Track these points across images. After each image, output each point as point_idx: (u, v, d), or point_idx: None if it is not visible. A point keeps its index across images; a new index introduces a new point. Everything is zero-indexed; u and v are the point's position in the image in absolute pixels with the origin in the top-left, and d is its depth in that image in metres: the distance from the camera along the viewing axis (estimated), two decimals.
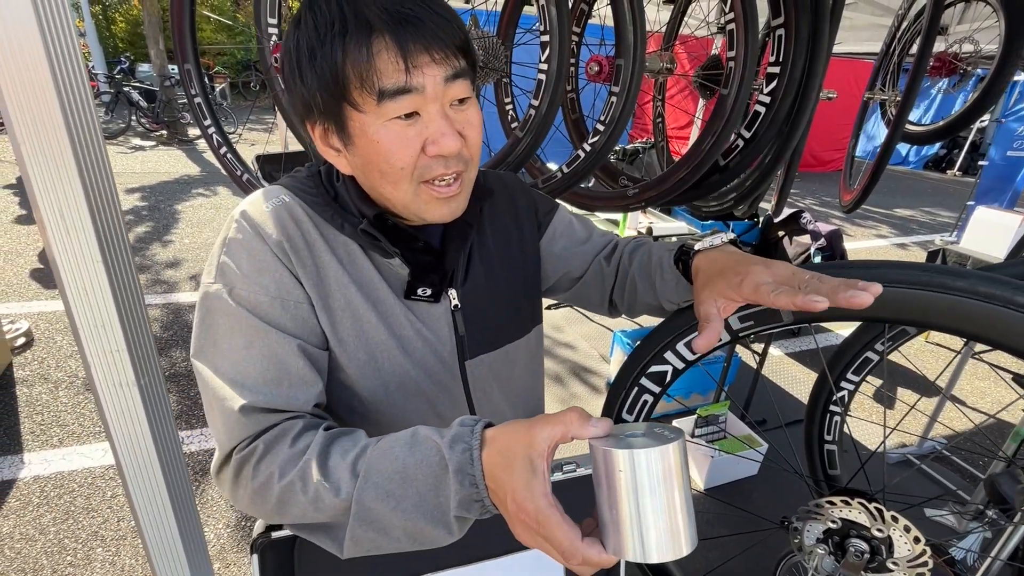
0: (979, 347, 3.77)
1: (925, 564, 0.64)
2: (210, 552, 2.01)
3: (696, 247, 0.71)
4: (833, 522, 0.70)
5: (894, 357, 3.81)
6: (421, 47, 0.54)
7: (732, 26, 1.16)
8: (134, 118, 9.24)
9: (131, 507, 0.51)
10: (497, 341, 0.79)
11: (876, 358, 0.97)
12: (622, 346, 2.98)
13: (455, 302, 0.73)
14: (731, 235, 0.72)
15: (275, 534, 0.65)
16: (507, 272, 0.81)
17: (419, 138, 0.58)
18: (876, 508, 0.65)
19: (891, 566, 0.67)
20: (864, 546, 0.69)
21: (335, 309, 0.66)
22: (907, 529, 0.64)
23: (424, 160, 0.60)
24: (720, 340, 0.63)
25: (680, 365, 0.80)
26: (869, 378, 3.19)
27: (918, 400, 3.37)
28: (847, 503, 0.67)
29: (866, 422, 3.04)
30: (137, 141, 8.83)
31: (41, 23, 0.38)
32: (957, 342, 4.09)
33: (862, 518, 0.67)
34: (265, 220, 0.64)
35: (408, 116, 0.57)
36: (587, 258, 0.87)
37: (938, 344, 4.15)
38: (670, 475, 0.41)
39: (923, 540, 0.64)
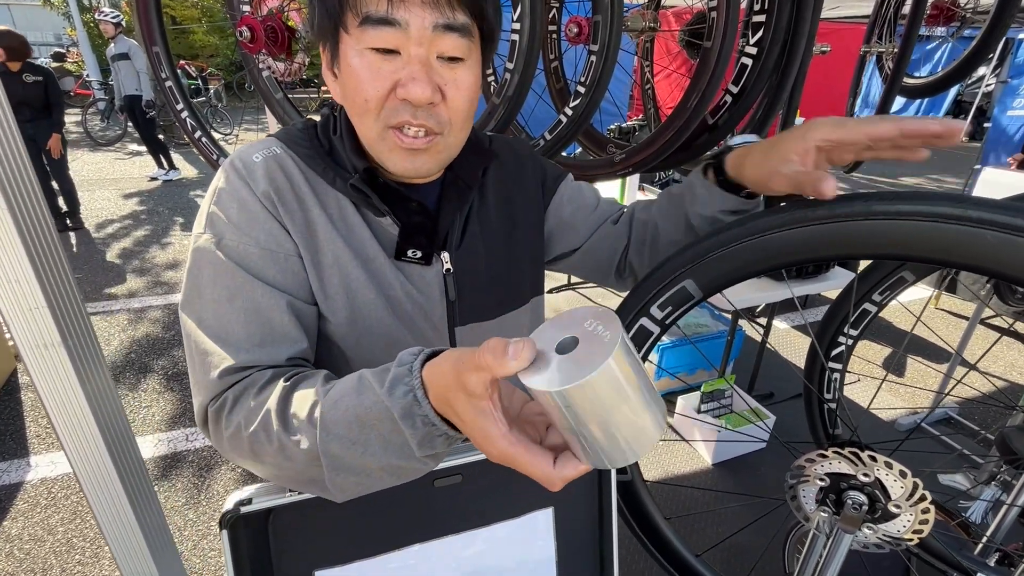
0: (987, 312, 3.70)
1: (924, 498, 0.61)
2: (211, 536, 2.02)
3: (730, 143, 0.68)
4: (821, 480, 0.66)
5: (898, 321, 3.76)
6: None
7: None
8: (130, 124, 9.23)
9: (77, 479, 0.49)
10: (492, 310, 0.77)
11: (874, 310, 0.93)
12: None
13: (447, 266, 0.71)
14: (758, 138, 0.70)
15: (244, 508, 0.62)
16: (507, 239, 0.78)
17: (392, 76, 0.57)
18: (851, 452, 0.62)
19: (894, 509, 0.64)
20: (860, 497, 0.66)
21: (324, 265, 0.65)
22: (888, 465, 0.61)
23: (392, 102, 0.58)
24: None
25: (656, 329, 0.77)
26: (881, 346, 3.13)
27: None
28: (823, 456, 0.64)
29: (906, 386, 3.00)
30: (134, 147, 8.82)
31: None
32: (967, 308, 4.02)
33: (844, 467, 0.63)
34: (254, 170, 0.63)
35: (387, 52, 0.56)
36: (594, 223, 0.85)
37: (948, 311, 4.08)
38: (614, 390, 0.36)
39: (909, 473, 0.60)
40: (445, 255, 0.71)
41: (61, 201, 4.97)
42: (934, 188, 7.94)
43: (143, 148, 8.60)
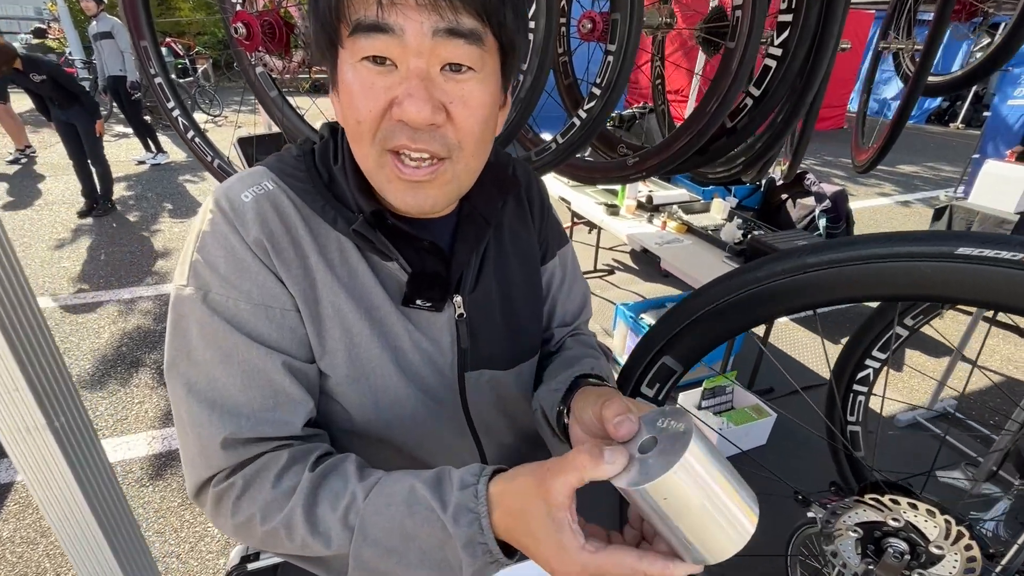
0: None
1: (962, 535, 0.57)
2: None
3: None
4: (853, 531, 0.63)
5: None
6: None
7: None
8: (115, 105, 8.96)
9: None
10: (507, 360, 0.70)
11: (905, 333, 0.89)
12: (624, 319, 2.92)
13: (460, 311, 0.64)
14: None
15: (251, 565, 0.58)
16: (525, 278, 0.71)
17: (387, 93, 0.49)
18: (872, 498, 0.59)
19: (936, 550, 0.60)
20: (902, 545, 0.63)
21: (323, 318, 0.57)
22: (913, 506, 0.57)
23: (388, 123, 0.50)
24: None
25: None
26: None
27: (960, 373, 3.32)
28: (845, 508, 0.60)
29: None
30: (120, 128, 8.59)
31: None
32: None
33: (870, 515, 0.60)
34: (244, 213, 0.54)
35: (380, 62, 0.48)
36: (551, 315, 0.80)
37: (956, 310, 4.09)
38: (696, 483, 0.38)
39: (939, 511, 0.57)
40: (458, 299, 0.64)
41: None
42: (930, 177, 7.92)
43: (129, 129, 8.39)
